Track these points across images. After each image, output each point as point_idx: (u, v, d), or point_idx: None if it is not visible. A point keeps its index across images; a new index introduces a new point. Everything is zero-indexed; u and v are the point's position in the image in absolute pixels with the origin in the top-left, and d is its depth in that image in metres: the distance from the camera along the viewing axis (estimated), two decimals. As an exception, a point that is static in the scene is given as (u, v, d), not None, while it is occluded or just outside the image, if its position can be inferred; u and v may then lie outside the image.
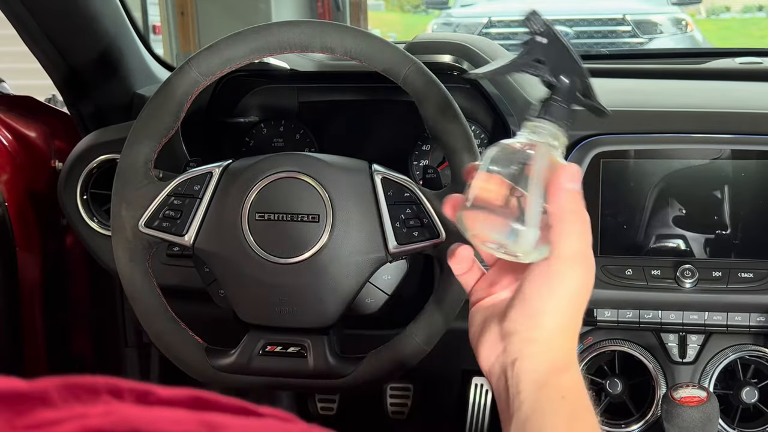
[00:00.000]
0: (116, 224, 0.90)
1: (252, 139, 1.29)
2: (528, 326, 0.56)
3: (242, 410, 0.34)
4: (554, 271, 0.55)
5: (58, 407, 0.30)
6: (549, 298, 0.56)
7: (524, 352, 0.57)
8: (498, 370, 0.59)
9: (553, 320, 0.56)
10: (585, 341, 1.15)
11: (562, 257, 0.55)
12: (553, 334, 0.56)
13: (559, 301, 0.56)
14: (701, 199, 1.07)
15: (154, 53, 1.36)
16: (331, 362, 0.90)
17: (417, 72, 0.89)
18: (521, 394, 0.56)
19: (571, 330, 0.58)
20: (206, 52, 0.90)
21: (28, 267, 1.23)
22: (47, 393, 0.31)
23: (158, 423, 0.30)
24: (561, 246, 0.55)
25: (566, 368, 0.57)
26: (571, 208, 0.55)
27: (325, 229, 0.88)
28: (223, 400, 0.34)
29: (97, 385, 0.32)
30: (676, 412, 0.97)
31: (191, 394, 0.34)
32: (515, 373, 0.57)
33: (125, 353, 1.41)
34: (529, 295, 0.56)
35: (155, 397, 0.33)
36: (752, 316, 1.10)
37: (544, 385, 0.56)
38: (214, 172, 0.92)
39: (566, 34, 5.59)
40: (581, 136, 1.08)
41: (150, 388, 0.33)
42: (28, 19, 1.09)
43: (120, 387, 0.33)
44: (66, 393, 0.31)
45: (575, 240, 0.55)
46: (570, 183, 0.56)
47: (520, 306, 0.57)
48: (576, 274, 0.56)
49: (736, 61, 1.42)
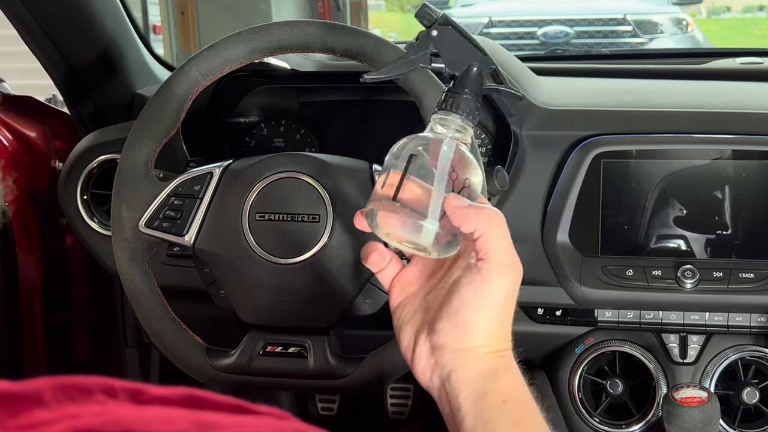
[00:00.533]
0: (116, 224, 0.90)
1: (252, 139, 1.29)
2: (457, 338, 0.55)
3: (237, 408, 0.34)
4: (484, 280, 0.55)
5: (51, 407, 0.30)
6: (478, 309, 0.55)
7: (457, 363, 0.56)
8: (437, 384, 0.58)
9: (483, 329, 0.55)
10: (585, 341, 1.15)
11: (493, 265, 0.54)
12: (484, 341, 0.55)
13: (488, 311, 0.55)
14: (702, 200, 1.07)
15: (155, 53, 1.36)
16: (332, 362, 0.90)
17: (417, 72, 0.89)
18: (462, 406, 0.55)
19: (503, 334, 0.57)
20: (206, 52, 0.90)
21: (28, 267, 1.23)
22: (40, 393, 0.31)
23: (151, 423, 0.30)
24: (489, 256, 0.54)
25: (504, 371, 0.56)
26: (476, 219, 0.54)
27: (325, 229, 0.88)
28: (217, 398, 0.34)
29: (90, 385, 0.32)
30: (677, 412, 0.97)
31: (185, 392, 0.34)
32: (453, 386, 0.56)
33: (125, 353, 1.41)
34: (457, 307, 0.55)
35: (149, 396, 0.33)
36: (753, 316, 1.10)
37: (483, 393, 0.55)
38: (215, 172, 0.92)
39: (566, 33, 5.59)
40: (582, 137, 1.08)
41: (144, 387, 0.33)
42: (28, 19, 1.09)
43: (113, 386, 0.33)
44: (59, 393, 0.31)
45: (500, 245, 0.55)
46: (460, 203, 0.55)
47: (447, 318, 0.56)
48: (506, 280, 0.55)
49: (737, 62, 1.42)
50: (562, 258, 1.07)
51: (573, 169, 1.06)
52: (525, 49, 5.48)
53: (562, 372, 1.15)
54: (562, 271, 1.08)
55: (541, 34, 5.62)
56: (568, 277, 1.07)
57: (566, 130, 1.09)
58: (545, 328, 1.17)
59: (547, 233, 1.08)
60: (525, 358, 1.22)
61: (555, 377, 1.16)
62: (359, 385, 0.90)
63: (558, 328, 1.17)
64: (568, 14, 5.71)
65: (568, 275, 1.07)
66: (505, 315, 0.56)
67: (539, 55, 3.40)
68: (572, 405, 1.13)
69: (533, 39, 5.62)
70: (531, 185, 1.09)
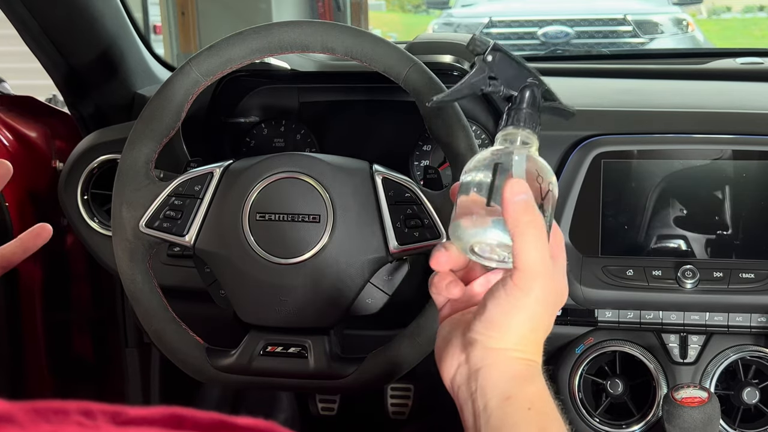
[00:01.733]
0: (117, 224, 0.90)
1: (253, 140, 1.29)
2: (490, 337, 0.56)
3: (219, 425, 0.33)
4: (515, 286, 0.55)
5: (25, 427, 0.30)
6: (511, 314, 0.56)
7: (487, 362, 0.56)
8: (460, 381, 0.58)
9: (516, 333, 0.56)
10: (586, 341, 1.15)
11: (523, 271, 0.55)
12: (516, 345, 0.56)
13: (520, 316, 0.56)
14: (702, 200, 1.07)
15: (155, 53, 1.36)
16: (332, 363, 0.90)
17: (417, 72, 0.89)
18: (488, 406, 0.55)
19: (534, 341, 0.57)
20: (207, 53, 0.90)
21: (28, 267, 1.23)
22: (13, 415, 0.30)
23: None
24: (520, 260, 0.55)
25: (531, 379, 0.57)
26: (523, 219, 0.55)
27: (325, 229, 0.88)
28: (199, 415, 0.33)
29: (66, 408, 0.32)
30: (677, 412, 0.97)
31: (167, 411, 0.33)
32: (479, 384, 0.56)
33: (126, 353, 1.41)
34: (492, 312, 0.56)
35: (128, 417, 0.33)
36: (753, 316, 1.10)
37: (509, 396, 0.55)
38: (215, 172, 0.92)
39: (567, 34, 5.59)
40: (582, 137, 1.08)
41: (123, 409, 0.33)
42: (29, 19, 1.09)
43: (91, 409, 0.32)
44: (33, 416, 0.31)
45: (533, 251, 0.55)
46: (516, 196, 0.55)
47: (482, 319, 0.57)
48: (537, 285, 0.55)
49: (737, 62, 1.42)
50: (563, 258, 1.07)
51: (573, 169, 1.06)
52: (525, 49, 5.48)
53: (562, 372, 1.15)
54: (562, 271, 1.08)
55: (541, 34, 5.62)
56: (569, 277, 1.07)
57: (566, 130, 1.09)
58: (545, 328, 1.17)
59: (547, 233, 1.08)
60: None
61: (555, 377, 1.16)
62: (359, 385, 0.90)
63: (558, 328, 1.17)
64: (569, 14, 5.70)
65: (568, 275, 1.07)
66: (535, 322, 0.57)
67: (539, 55, 3.40)
68: (572, 405, 1.13)
69: (533, 39, 5.62)
70: (531, 185, 1.09)
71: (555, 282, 0.58)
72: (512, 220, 0.55)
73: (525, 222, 0.55)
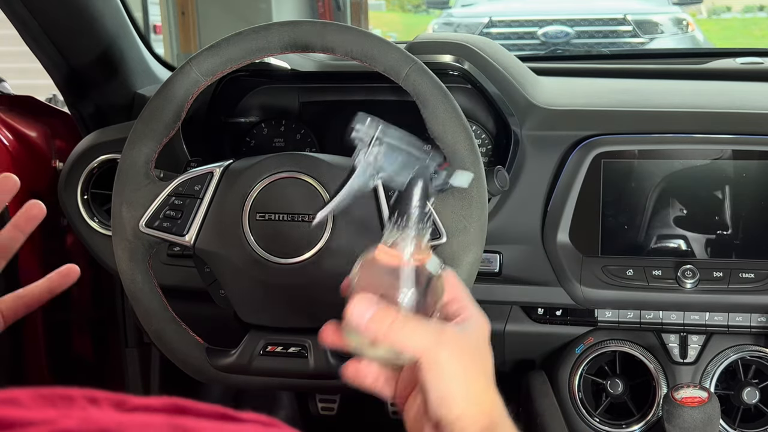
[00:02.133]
0: (117, 224, 0.90)
1: (253, 139, 1.29)
2: (446, 410, 0.57)
3: (221, 416, 0.33)
4: (428, 362, 0.56)
5: (30, 409, 0.30)
6: (440, 384, 0.57)
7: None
8: None
9: (460, 396, 0.57)
10: (586, 341, 1.15)
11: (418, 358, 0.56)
12: (469, 404, 0.57)
13: (450, 383, 0.57)
14: (702, 200, 1.07)
15: (155, 53, 1.36)
16: (332, 362, 0.90)
17: (418, 72, 0.88)
18: None
19: (482, 393, 0.58)
20: (207, 52, 0.90)
21: (28, 267, 1.23)
22: (18, 400, 0.31)
23: (128, 426, 0.30)
24: (409, 353, 0.56)
25: (495, 427, 0.58)
26: (381, 330, 0.56)
27: (325, 229, 0.88)
28: (201, 406, 0.34)
29: (72, 394, 0.32)
30: (677, 412, 0.97)
31: (169, 401, 0.34)
32: None
33: (126, 353, 1.41)
34: (427, 386, 0.57)
35: (132, 405, 0.33)
36: (753, 316, 1.10)
37: None
38: (215, 172, 0.92)
39: (567, 33, 5.59)
40: (582, 137, 1.08)
41: (127, 397, 0.33)
42: (29, 18, 1.09)
43: (96, 396, 0.33)
44: (39, 400, 0.31)
45: (411, 340, 0.56)
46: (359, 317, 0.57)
47: (428, 397, 0.58)
48: (444, 356, 0.56)
49: (737, 62, 1.42)
50: (563, 258, 1.07)
51: (573, 169, 1.06)
52: (525, 49, 5.48)
53: (562, 372, 1.15)
54: (562, 271, 1.08)
55: (541, 34, 5.62)
56: (569, 277, 1.07)
57: (566, 130, 1.09)
58: (545, 328, 1.18)
59: (547, 233, 1.08)
60: (525, 358, 1.23)
61: (555, 377, 1.16)
62: (359, 385, 0.90)
63: (558, 328, 1.17)
64: (569, 14, 5.70)
65: (568, 275, 1.07)
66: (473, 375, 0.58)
67: (539, 55, 3.40)
68: (572, 405, 1.13)
69: (533, 39, 5.62)
70: (531, 185, 1.09)
71: (463, 339, 0.58)
72: (373, 335, 0.56)
73: (385, 330, 0.56)
